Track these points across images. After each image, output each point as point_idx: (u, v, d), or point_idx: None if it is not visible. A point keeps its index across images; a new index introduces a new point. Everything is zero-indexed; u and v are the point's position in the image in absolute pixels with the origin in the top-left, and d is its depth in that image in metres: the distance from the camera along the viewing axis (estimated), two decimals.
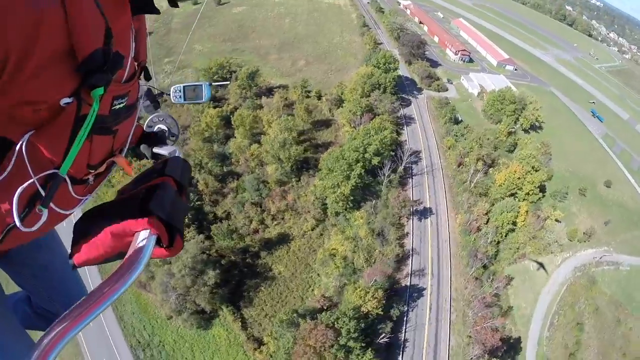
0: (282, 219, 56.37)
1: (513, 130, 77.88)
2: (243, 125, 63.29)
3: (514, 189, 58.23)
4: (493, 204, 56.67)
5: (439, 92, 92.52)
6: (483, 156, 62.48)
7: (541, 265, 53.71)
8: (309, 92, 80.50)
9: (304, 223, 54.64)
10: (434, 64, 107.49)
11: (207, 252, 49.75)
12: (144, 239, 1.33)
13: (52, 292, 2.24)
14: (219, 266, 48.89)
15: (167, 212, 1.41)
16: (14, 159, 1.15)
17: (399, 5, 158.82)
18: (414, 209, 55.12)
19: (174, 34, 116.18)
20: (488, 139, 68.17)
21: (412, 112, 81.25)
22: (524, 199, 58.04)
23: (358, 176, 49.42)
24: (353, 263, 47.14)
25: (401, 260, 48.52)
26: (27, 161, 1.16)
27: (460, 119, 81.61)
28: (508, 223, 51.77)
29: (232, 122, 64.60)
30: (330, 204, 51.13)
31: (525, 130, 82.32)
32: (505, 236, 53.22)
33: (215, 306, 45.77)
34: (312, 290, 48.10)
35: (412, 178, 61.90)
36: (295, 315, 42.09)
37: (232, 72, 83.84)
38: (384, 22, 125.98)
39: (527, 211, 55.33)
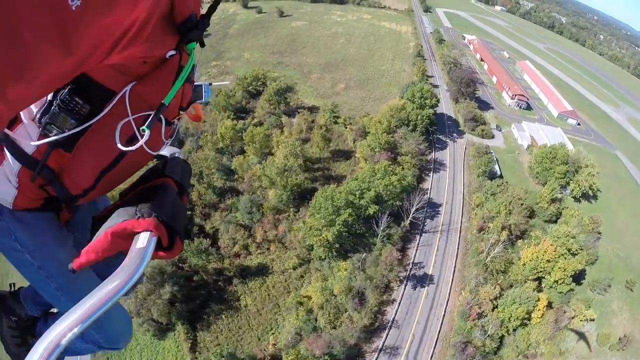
0: (268, 249, 51.43)
1: (560, 195, 66.29)
2: (253, 143, 59.62)
3: (541, 272, 47.77)
4: (511, 286, 46.74)
5: (482, 138, 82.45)
6: (510, 225, 52.60)
7: None
8: (337, 117, 75.41)
9: (288, 260, 49.11)
10: (485, 106, 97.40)
11: (181, 264, 47.14)
12: (144, 240, 1.34)
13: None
14: (186, 282, 45.75)
15: (168, 214, 1.44)
16: (113, 104, 1.40)
17: (464, 39, 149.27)
18: (410, 273, 46.91)
19: (229, 39, 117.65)
20: (523, 204, 57.76)
21: (444, 158, 72.49)
22: (550, 287, 47.24)
23: (343, 223, 42.97)
24: (316, 319, 40.52)
25: (375, 331, 40.59)
26: (127, 105, 1.41)
27: (499, 173, 71.39)
28: (518, 318, 41.63)
29: (243, 137, 61.23)
30: (315, 247, 45.13)
31: (576, 199, 69.74)
32: (514, 331, 43.02)
33: (170, 320, 43.24)
34: (271, 334, 42.42)
35: (420, 235, 53.25)
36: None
37: (266, 85, 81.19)
38: (439, 54, 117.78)
39: (549, 304, 44.68)
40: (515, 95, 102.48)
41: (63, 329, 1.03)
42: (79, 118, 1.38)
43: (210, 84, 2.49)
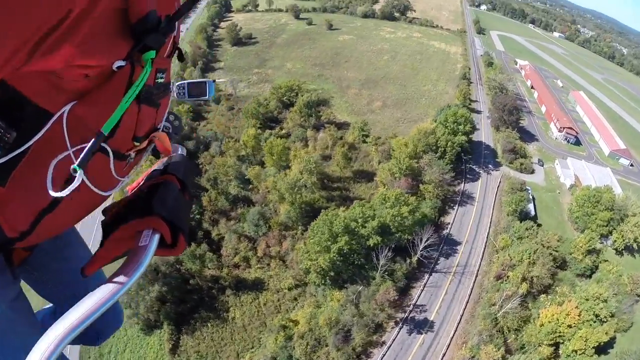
0: (268, 264, 49.81)
1: (600, 246, 58.15)
2: (272, 154, 58.54)
3: (560, 337, 41.28)
4: (522, 347, 40.80)
5: (520, 172, 74.97)
6: (532, 278, 46.37)
7: None
8: (367, 136, 72.47)
9: (285, 279, 47.03)
10: (529, 137, 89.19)
11: (179, 266, 46.93)
12: (147, 238, 1.31)
13: (77, 298, 1.79)
14: (181, 283, 45.54)
15: (170, 211, 1.38)
16: (47, 128, 1.09)
17: (516, 64, 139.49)
18: (409, 315, 42.52)
19: (275, 48, 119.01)
20: (551, 253, 51.02)
21: (474, 190, 66.64)
22: (567, 356, 40.60)
23: (338, 251, 39.90)
24: (294, 347, 37.76)
25: None
26: (65, 132, 1.11)
27: (532, 213, 64.24)
28: None
29: (263, 148, 60.36)
30: (310, 271, 42.60)
31: (617, 251, 60.64)
32: None
33: (158, 317, 43.25)
34: (251, 351, 40.49)
35: (430, 275, 48.46)
36: None
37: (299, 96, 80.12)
38: (486, 77, 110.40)
39: None
40: (564, 128, 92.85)
41: (66, 327, 1.02)
42: (3, 146, 1.06)
43: (214, 81, 2.39)
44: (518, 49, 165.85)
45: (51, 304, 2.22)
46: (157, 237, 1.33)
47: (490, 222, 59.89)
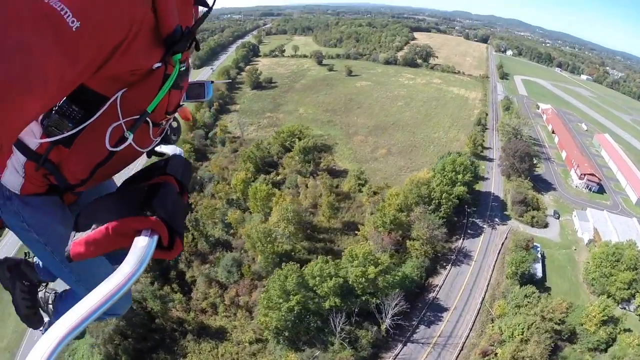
0: (234, 314, 46.95)
1: (621, 312, 49.37)
2: (255, 200, 56.98)
3: None
4: None
5: (532, 226, 66.98)
6: (524, 358, 39.28)
7: None
8: (362, 185, 69.33)
9: (247, 332, 43.55)
10: (546, 186, 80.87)
11: (144, 302, 45.45)
12: (145, 239, 1.33)
13: None
14: (148, 320, 44.31)
15: (169, 213, 1.43)
16: (105, 107, 1.48)
17: (538, 108, 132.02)
18: None
19: (292, 92, 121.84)
20: (557, 325, 43.68)
21: (474, 248, 60.17)
22: None
23: (289, 310, 36.12)
24: None
25: None
26: (119, 109, 1.50)
27: (539, 274, 56.48)
28: None
29: (249, 193, 59.04)
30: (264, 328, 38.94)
31: None
32: None
33: (117, 351, 41.66)
34: None
35: (404, 345, 42.53)
36: None
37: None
38: (500, 123, 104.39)
39: None
40: (585, 174, 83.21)
41: (66, 327, 1.03)
42: (75, 121, 1.48)
43: (212, 82, 2.64)
44: (542, 93, 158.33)
45: None
46: (156, 238, 1.36)
47: (488, 285, 53.02)
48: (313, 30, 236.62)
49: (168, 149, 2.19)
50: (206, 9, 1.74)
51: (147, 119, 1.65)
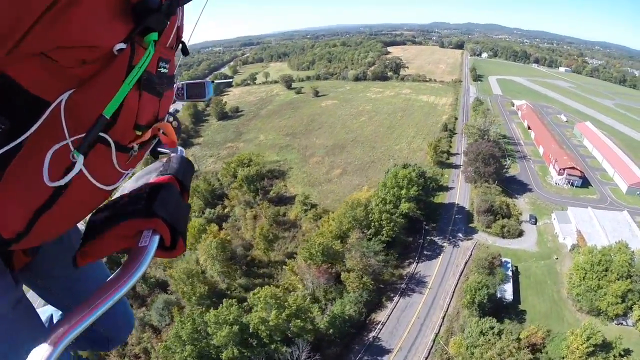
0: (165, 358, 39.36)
1: (620, 327, 40.22)
2: (190, 236, 50.04)
3: None
4: None
5: (503, 237, 58.28)
6: None
7: None
8: (307, 210, 61.75)
9: None
10: (520, 188, 72.10)
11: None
12: (147, 239, 1.27)
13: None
14: None
15: (171, 214, 1.33)
16: (44, 118, 0.98)
17: (513, 106, 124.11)
18: None
19: (257, 119, 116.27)
20: None
21: (430, 272, 51.31)
22: None
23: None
24: None
25: None
26: (63, 121, 1.00)
27: (510, 298, 47.32)
28: None
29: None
30: None
31: None
32: None
33: None
34: None
35: None
36: None
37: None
38: (465, 126, 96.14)
39: None
40: (564, 169, 73.97)
41: (65, 329, 0.98)
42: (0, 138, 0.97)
43: (213, 82, 2.26)
44: (517, 90, 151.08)
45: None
46: (157, 238, 1.27)
47: (444, 318, 44.22)
48: (289, 55, 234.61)
49: (169, 149, 1.90)
50: None
51: (108, 138, 1.11)
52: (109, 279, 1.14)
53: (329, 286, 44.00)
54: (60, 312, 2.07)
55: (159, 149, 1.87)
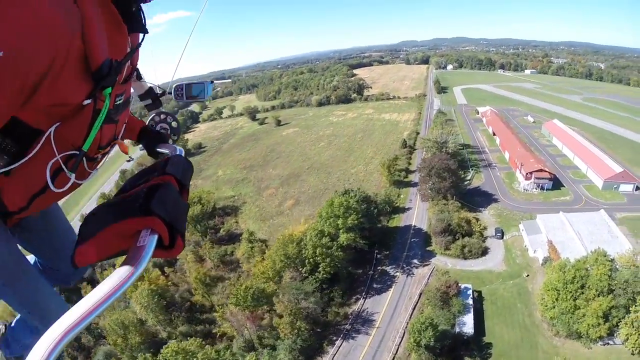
0: None
1: (606, 347, 34.29)
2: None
3: None
4: None
5: (465, 259, 52.39)
6: None
7: None
8: (252, 248, 55.91)
9: None
10: (485, 200, 66.44)
11: None
12: (145, 239, 1.28)
13: (55, 251, 2.48)
14: None
15: (169, 213, 1.36)
16: (41, 142, 1.45)
17: (477, 113, 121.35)
18: None
19: (218, 154, 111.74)
20: None
21: (379, 308, 45.12)
22: None
23: None
24: None
25: None
26: (53, 144, 1.47)
27: (470, 331, 40.90)
28: None
29: None
30: None
31: (634, 353, 35.39)
32: None
33: None
34: None
35: None
36: None
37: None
38: (421, 140, 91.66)
39: None
40: (531, 172, 68.43)
41: (66, 328, 1.00)
42: (10, 155, 1.44)
43: (212, 82, 2.52)
44: (482, 97, 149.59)
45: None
46: (155, 237, 1.29)
47: None
48: (258, 86, 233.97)
49: (168, 149, 2.06)
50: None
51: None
52: (108, 277, 1.15)
53: (263, 332, 37.70)
54: (34, 258, 2.59)
55: (158, 149, 2.05)
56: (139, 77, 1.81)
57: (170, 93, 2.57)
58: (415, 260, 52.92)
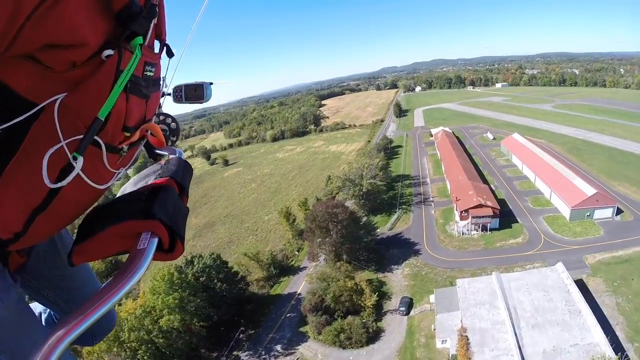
0: None
1: None
2: None
3: None
4: None
5: (343, 348, 36.28)
6: None
7: None
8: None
9: None
10: (402, 253, 49.35)
11: None
12: (145, 242, 1.21)
13: (74, 302, 1.93)
14: None
15: (169, 216, 1.28)
16: (36, 123, 1.00)
17: (431, 136, 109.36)
18: None
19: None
20: None
21: None
22: None
23: None
24: None
25: None
26: (57, 124, 1.00)
27: None
28: None
29: None
30: None
31: None
32: None
33: None
34: None
35: None
36: None
37: None
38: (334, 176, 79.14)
39: None
40: (467, 210, 50.98)
41: (65, 331, 0.95)
42: None
43: (212, 83, 2.23)
44: (443, 117, 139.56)
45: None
46: (155, 240, 1.21)
47: None
48: (230, 123, 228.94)
49: (167, 151, 1.87)
50: None
51: (99, 140, 1.11)
52: (108, 281, 1.07)
53: None
54: (48, 310, 2.13)
55: (157, 151, 1.84)
56: (170, 54, 1.37)
57: (169, 94, 2.21)
58: (278, 347, 39.21)
